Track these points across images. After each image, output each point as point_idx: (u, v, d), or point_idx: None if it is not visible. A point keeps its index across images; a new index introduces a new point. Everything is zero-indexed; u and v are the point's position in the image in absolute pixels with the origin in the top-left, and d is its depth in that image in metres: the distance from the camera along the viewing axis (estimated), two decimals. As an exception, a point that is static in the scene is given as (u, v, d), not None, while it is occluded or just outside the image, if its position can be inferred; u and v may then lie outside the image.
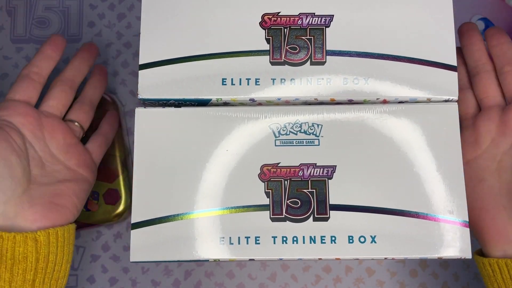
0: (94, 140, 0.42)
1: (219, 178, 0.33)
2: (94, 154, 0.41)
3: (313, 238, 0.32)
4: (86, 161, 0.39)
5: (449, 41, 0.34)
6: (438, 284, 0.44)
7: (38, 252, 0.32)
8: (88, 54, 0.42)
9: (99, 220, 0.43)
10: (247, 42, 0.34)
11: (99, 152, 0.42)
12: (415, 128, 0.34)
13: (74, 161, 0.38)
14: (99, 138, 0.42)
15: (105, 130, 0.43)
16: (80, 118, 0.41)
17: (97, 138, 0.42)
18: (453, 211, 0.33)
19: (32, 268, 0.32)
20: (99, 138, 0.42)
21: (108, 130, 0.44)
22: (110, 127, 0.44)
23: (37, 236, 0.32)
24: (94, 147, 0.41)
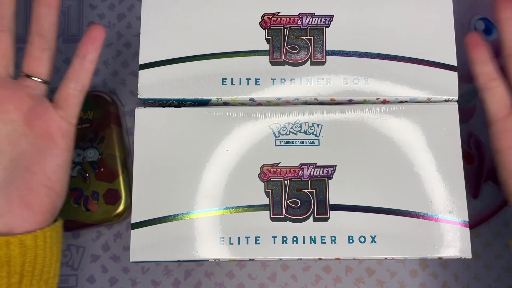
0: (63, 92, 0.34)
1: (219, 178, 0.33)
2: (63, 111, 0.34)
3: (313, 238, 0.32)
4: (54, 124, 0.33)
5: (449, 41, 0.34)
6: (438, 284, 0.44)
7: (23, 255, 0.31)
8: None
9: (99, 220, 0.43)
10: (247, 42, 0.34)
11: (70, 107, 0.34)
12: (415, 128, 0.34)
13: (38, 130, 0.32)
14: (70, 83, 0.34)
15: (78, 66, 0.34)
16: (35, 68, 0.33)
17: (66, 87, 0.34)
18: (453, 211, 0.33)
19: (17, 271, 0.31)
20: (70, 84, 0.34)
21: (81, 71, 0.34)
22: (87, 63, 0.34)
23: (24, 239, 0.31)
24: (61, 102, 0.34)
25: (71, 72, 0.34)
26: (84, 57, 0.34)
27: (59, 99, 0.34)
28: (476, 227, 0.44)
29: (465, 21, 0.47)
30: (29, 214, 0.32)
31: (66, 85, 0.34)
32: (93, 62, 0.34)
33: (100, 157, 0.43)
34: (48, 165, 0.33)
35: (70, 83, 0.34)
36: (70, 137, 0.34)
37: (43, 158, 0.33)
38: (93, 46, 0.34)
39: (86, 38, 0.34)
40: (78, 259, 0.45)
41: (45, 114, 0.33)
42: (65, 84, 0.34)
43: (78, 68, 0.34)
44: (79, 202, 0.43)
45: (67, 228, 0.43)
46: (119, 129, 0.44)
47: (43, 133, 0.33)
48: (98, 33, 0.34)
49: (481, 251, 0.44)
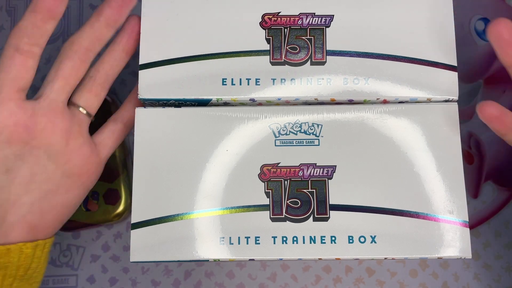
0: (111, 132, 0.35)
1: (219, 178, 0.33)
2: (105, 152, 0.35)
3: (313, 238, 0.32)
4: (92, 165, 0.34)
5: (449, 41, 0.34)
6: (438, 284, 0.44)
7: (20, 262, 0.32)
8: (117, 8, 0.32)
9: (99, 220, 0.43)
10: (247, 42, 0.34)
11: (111, 146, 0.35)
12: (415, 128, 0.34)
13: (75, 168, 0.33)
14: (118, 128, 0.35)
15: (127, 115, 0.35)
16: (90, 103, 0.33)
17: (115, 129, 0.35)
18: (453, 211, 0.33)
19: (12, 275, 0.32)
20: (118, 129, 0.35)
21: (132, 113, 0.35)
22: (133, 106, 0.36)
23: (24, 249, 0.32)
24: (106, 139, 0.35)
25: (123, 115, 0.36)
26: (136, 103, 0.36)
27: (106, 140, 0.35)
28: (476, 227, 0.44)
29: (465, 21, 0.47)
30: (30, 237, 0.33)
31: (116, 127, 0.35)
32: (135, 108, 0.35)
33: (100, 157, 0.43)
34: (69, 203, 0.34)
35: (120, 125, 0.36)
36: (98, 178, 0.35)
37: (68, 196, 0.34)
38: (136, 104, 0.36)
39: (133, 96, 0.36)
40: (78, 259, 0.45)
41: (89, 156, 0.34)
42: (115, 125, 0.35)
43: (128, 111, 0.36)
44: (79, 202, 0.43)
45: (67, 228, 0.43)
46: (119, 129, 0.44)
47: (80, 173, 0.33)
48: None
49: (481, 251, 0.44)
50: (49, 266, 0.44)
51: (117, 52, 0.34)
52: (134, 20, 0.34)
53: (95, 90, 0.34)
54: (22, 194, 0.32)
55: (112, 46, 0.35)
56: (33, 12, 0.30)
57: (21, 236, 0.32)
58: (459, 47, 0.36)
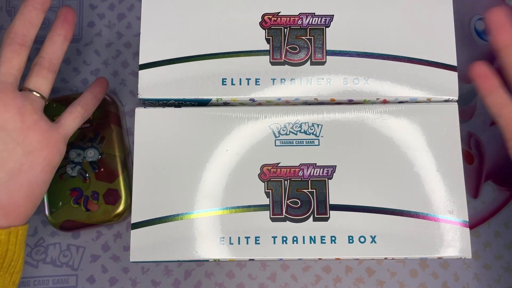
0: (69, 113, 0.37)
1: (219, 178, 0.33)
2: (65, 129, 0.37)
3: (313, 238, 0.32)
4: (52, 139, 0.35)
5: (449, 41, 0.34)
6: (438, 284, 0.44)
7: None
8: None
9: (99, 220, 0.43)
10: (247, 42, 0.34)
11: (72, 127, 0.37)
12: (415, 128, 0.34)
13: (34, 142, 0.34)
14: (76, 110, 0.38)
15: (86, 100, 0.39)
16: (39, 85, 0.36)
17: (73, 110, 0.37)
18: (453, 211, 0.33)
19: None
20: (76, 110, 0.38)
21: (90, 100, 0.39)
22: (93, 97, 0.39)
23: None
24: (67, 120, 0.37)
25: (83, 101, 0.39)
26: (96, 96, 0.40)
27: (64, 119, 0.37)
28: (476, 227, 0.44)
29: (465, 21, 0.47)
30: (3, 222, 0.33)
31: (75, 109, 0.38)
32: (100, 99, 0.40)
33: (100, 157, 0.43)
34: (35, 179, 0.34)
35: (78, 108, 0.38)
36: (62, 155, 0.36)
37: (33, 172, 0.34)
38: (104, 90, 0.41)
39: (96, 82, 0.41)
40: (78, 259, 0.45)
41: (47, 130, 0.35)
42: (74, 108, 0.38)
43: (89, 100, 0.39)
44: (79, 202, 0.43)
45: (67, 228, 0.43)
46: (119, 129, 0.44)
47: (40, 147, 0.34)
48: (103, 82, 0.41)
49: (481, 251, 0.44)
50: (49, 266, 0.44)
51: (54, 36, 0.37)
52: (65, 8, 0.38)
53: (42, 73, 0.36)
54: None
55: (50, 33, 0.37)
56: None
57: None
58: (459, 47, 0.36)
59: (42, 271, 0.44)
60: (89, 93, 0.40)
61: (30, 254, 0.44)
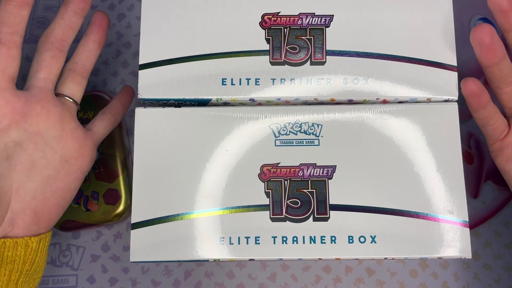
0: (100, 120, 0.38)
1: (219, 178, 0.33)
2: (97, 136, 0.37)
3: (313, 238, 0.32)
4: (87, 147, 0.35)
5: (449, 41, 0.34)
6: (438, 284, 0.44)
7: (26, 256, 0.33)
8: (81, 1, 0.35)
9: (99, 220, 0.43)
10: (247, 42, 0.34)
11: (102, 134, 0.38)
12: (415, 128, 0.34)
13: (72, 151, 0.34)
14: (106, 117, 0.38)
15: (115, 108, 0.39)
16: (74, 91, 0.36)
17: (104, 118, 0.38)
18: (453, 211, 0.33)
19: (18, 269, 0.32)
20: (106, 118, 0.38)
21: (119, 108, 0.39)
22: (122, 105, 0.40)
23: (30, 243, 0.33)
24: (99, 128, 0.37)
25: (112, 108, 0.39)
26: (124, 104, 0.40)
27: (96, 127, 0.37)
28: (476, 227, 0.44)
29: (465, 21, 0.47)
30: (35, 228, 0.34)
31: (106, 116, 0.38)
32: (128, 107, 0.41)
33: (100, 157, 0.43)
34: (68, 187, 0.35)
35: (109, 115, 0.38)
36: (93, 162, 0.37)
37: (67, 180, 0.35)
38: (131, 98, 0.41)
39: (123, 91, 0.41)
40: (78, 259, 0.45)
41: (83, 138, 0.35)
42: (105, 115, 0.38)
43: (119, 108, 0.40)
44: (79, 202, 0.43)
45: (67, 228, 0.43)
46: (119, 129, 0.44)
47: (77, 156, 0.35)
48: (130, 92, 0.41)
49: (481, 251, 0.44)
50: (49, 266, 0.44)
51: (89, 43, 0.37)
52: (100, 13, 0.37)
53: (77, 80, 0.36)
54: (25, 181, 0.33)
55: (84, 39, 0.37)
56: (7, 1, 0.32)
57: (27, 224, 0.33)
58: (459, 47, 0.36)
59: (42, 271, 0.44)
60: (118, 101, 0.40)
61: (30, 254, 0.44)
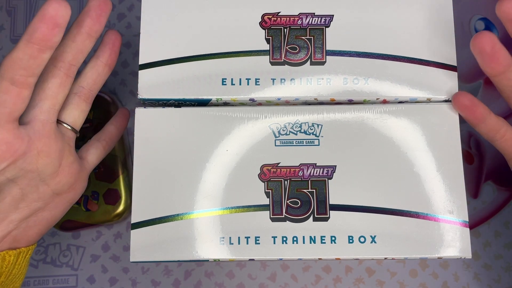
0: (95, 148, 0.36)
1: (219, 178, 0.33)
2: (90, 167, 0.36)
3: (313, 238, 0.32)
4: (80, 180, 0.34)
5: (449, 41, 0.34)
6: (438, 284, 0.44)
7: (2, 269, 0.32)
8: (97, 17, 0.31)
9: (99, 220, 0.43)
10: (247, 42, 0.34)
11: (95, 164, 0.36)
12: (415, 128, 0.34)
13: (66, 186, 0.33)
14: (101, 145, 0.37)
15: (110, 135, 0.37)
16: (75, 118, 0.34)
17: (99, 146, 0.36)
18: (453, 211, 0.33)
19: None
20: (101, 146, 0.37)
21: (114, 135, 0.38)
22: (117, 130, 0.38)
23: (7, 256, 0.32)
24: (93, 158, 0.36)
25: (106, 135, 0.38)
26: (119, 129, 0.38)
27: (90, 156, 0.36)
28: (476, 227, 0.44)
29: (465, 21, 0.47)
30: (12, 247, 0.33)
31: (100, 144, 0.37)
32: (122, 131, 0.39)
33: (100, 157, 0.43)
34: (56, 217, 0.34)
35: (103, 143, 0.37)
36: (83, 191, 0.36)
37: (55, 212, 0.34)
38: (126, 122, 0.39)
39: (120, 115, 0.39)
40: (78, 259, 0.45)
41: (78, 172, 0.34)
42: (99, 143, 0.37)
43: (113, 134, 0.38)
44: (79, 202, 0.43)
45: (67, 228, 0.43)
46: (119, 129, 0.44)
47: (70, 189, 0.34)
48: (126, 115, 0.39)
49: (481, 251, 0.44)
50: (49, 266, 0.44)
51: (99, 66, 0.34)
52: (113, 34, 0.34)
53: (81, 106, 0.34)
54: (11, 212, 0.31)
55: (94, 61, 0.34)
56: (29, 43, 0.27)
57: (3, 248, 0.32)
58: (459, 47, 0.36)
59: (42, 271, 0.44)
60: (113, 126, 0.38)
61: (30, 254, 0.44)
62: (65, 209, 0.35)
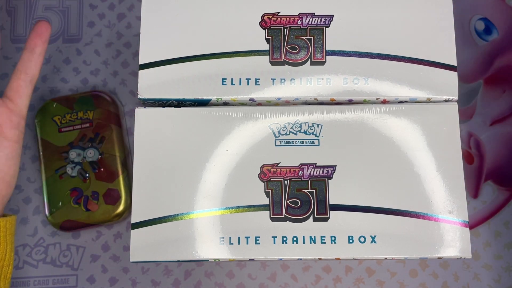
0: (13, 83, 0.36)
1: (219, 178, 0.33)
2: (14, 102, 0.36)
3: (313, 238, 0.32)
4: (3, 116, 0.35)
5: (449, 41, 0.34)
6: (438, 284, 0.44)
7: None
8: None
9: (99, 220, 0.43)
10: (247, 42, 0.34)
11: (19, 98, 0.36)
12: (415, 128, 0.34)
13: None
14: (20, 74, 0.36)
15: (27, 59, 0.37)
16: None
17: (16, 79, 0.36)
18: (453, 211, 0.33)
19: None
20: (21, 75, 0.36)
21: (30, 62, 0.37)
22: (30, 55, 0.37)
23: None
24: (11, 93, 0.36)
25: (21, 65, 0.37)
26: (33, 50, 0.37)
27: (10, 91, 0.36)
28: (476, 227, 0.44)
29: (465, 21, 0.47)
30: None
31: (17, 77, 0.36)
32: (42, 55, 0.37)
33: (100, 157, 0.43)
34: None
35: (20, 75, 0.36)
36: (20, 128, 0.36)
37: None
38: (41, 40, 0.37)
39: (34, 33, 0.37)
40: (78, 259, 0.45)
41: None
42: (16, 76, 0.36)
43: (27, 60, 0.37)
44: (79, 202, 0.43)
45: (67, 228, 0.43)
46: (119, 129, 0.44)
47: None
48: (45, 29, 0.37)
49: (481, 251, 0.44)
50: (49, 266, 0.44)
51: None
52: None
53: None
54: None
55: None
56: None
57: None
58: (459, 47, 0.36)
59: (42, 271, 0.44)
60: (25, 50, 0.37)
61: (30, 254, 0.44)
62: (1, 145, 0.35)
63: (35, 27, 0.37)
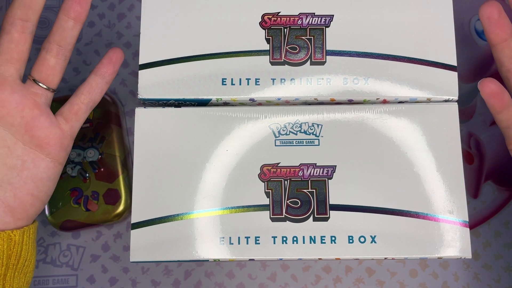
0: (74, 106, 0.35)
1: (219, 178, 0.33)
2: (69, 125, 0.35)
3: (313, 238, 0.32)
4: (52, 133, 0.33)
5: (449, 41, 0.34)
6: (438, 284, 0.44)
7: (10, 250, 0.32)
8: None
9: (99, 220, 0.43)
10: (247, 42, 0.34)
11: (75, 122, 0.35)
12: (415, 128, 0.34)
13: (36, 140, 0.33)
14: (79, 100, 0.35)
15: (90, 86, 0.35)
16: (46, 76, 0.33)
17: (78, 102, 0.35)
18: (453, 211, 0.33)
19: (3, 263, 0.32)
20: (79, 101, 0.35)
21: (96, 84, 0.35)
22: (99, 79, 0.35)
23: (12, 236, 0.32)
24: (70, 115, 0.35)
25: (86, 88, 0.35)
26: (103, 76, 0.35)
27: (69, 112, 0.35)
28: (476, 227, 0.44)
29: (465, 21, 0.47)
30: (10, 220, 0.33)
31: (80, 100, 0.35)
32: (109, 83, 0.36)
33: (100, 157, 0.43)
34: (40, 176, 0.34)
35: (83, 98, 0.35)
36: (68, 151, 0.35)
37: (36, 169, 0.34)
38: (113, 69, 0.35)
39: (107, 59, 0.35)
40: (78, 259, 0.45)
41: (48, 126, 0.33)
42: (79, 98, 0.35)
43: (94, 86, 0.35)
44: (79, 202, 0.43)
45: (67, 228, 0.43)
46: (119, 129, 0.44)
47: (42, 144, 0.33)
48: (119, 57, 0.36)
49: (481, 251, 0.44)
50: (49, 266, 0.44)
51: (63, 20, 0.33)
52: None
53: (49, 62, 0.33)
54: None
55: (58, 15, 0.34)
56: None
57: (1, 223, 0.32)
58: (459, 47, 0.36)
59: (42, 271, 0.44)
60: (95, 75, 0.36)
61: (30, 254, 0.44)
62: (48, 167, 0.34)
63: (109, 53, 0.35)
